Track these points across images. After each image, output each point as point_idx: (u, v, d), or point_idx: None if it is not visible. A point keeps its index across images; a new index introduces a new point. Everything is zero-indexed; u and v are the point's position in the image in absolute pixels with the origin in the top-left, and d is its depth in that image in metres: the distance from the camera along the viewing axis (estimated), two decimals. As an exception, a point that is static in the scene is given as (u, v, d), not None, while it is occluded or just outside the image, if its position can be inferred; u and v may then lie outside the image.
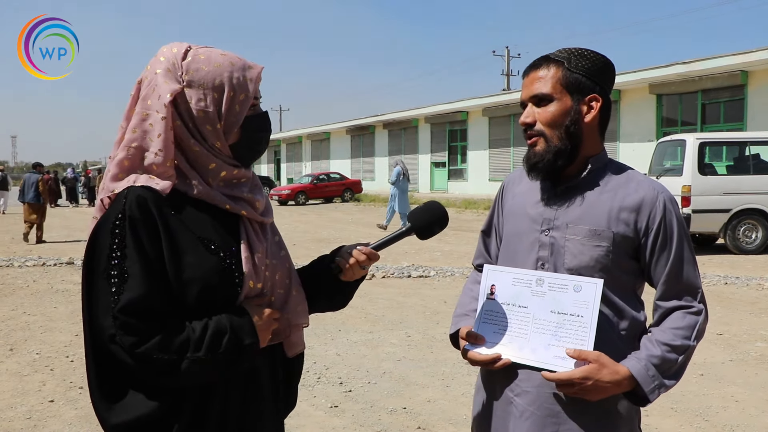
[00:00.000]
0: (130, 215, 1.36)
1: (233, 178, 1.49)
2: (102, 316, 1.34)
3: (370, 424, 4.13)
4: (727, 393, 4.67)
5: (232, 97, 1.45)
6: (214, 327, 1.38)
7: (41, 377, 5.05)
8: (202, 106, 1.43)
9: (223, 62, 1.46)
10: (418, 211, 1.70)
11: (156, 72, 1.44)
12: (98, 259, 1.36)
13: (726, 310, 7.25)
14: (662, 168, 12.70)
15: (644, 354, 1.61)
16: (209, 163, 1.46)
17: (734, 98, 20.12)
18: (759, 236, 11.81)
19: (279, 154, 53.01)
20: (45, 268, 10.54)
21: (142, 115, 1.43)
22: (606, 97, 1.72)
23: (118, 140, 1.46)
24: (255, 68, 1.50)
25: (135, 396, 1.38)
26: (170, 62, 1.44)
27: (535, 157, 1.70)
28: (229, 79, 1.45)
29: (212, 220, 1.45)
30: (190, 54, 1.46)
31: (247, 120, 1.49)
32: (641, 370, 1.58)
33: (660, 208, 1.66)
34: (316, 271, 1.66)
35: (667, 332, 1.63)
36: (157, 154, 1.40)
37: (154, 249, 1.36)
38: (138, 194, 1.37)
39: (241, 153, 1.51)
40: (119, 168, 1.43)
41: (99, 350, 1.38)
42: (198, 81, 1.43)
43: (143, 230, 1.35)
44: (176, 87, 1.42)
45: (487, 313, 1.72)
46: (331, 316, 6.93)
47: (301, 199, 30.16)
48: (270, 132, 1.58)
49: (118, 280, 1.33)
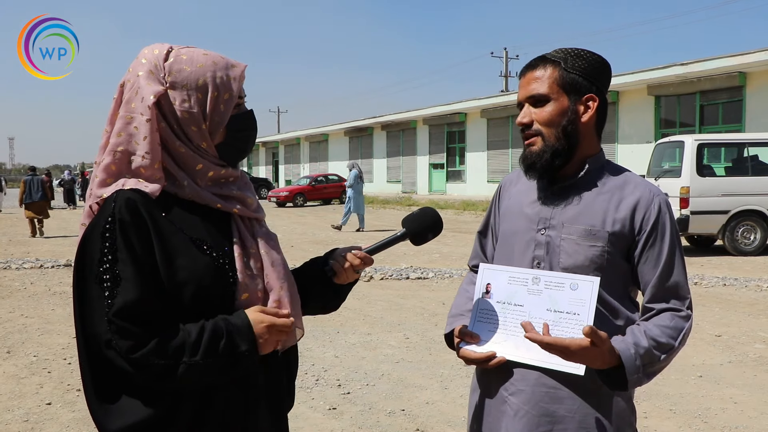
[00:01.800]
0: (120, 218, 1.34)
1: (221, 177, 1.48)
2: (96, 321, 1.32)
3: (369, 426, 4.12)
4: (726, 395, 4.67)
5: (216, 97, 1.44)
6: (211, 330, 1.36)
7: (38, 380, 5.04)
8: (187, 107, 1.42)
9: (206, 62, 1.45)
10: (412, 216, 1.69)
11: (138, 74, 1.43)
12: (89, 265, 1.35)
13: (724, 312, 7.25)
14: (661, 169, 12.71)
15: (631, 341, 1.57)
16: (196, 164, 1.44)
17: (732, 99, 20.15)
18: (757, 237, 11.81)
19: (277, 156, 53.01)
20: (42, 271, 10.52)
21: (126, 118, 1.41)
22: (603, 97, 1.72)
23: (103, 145, 1.44)
24: (238, 67, 1.49)
25: (132, 401, 1.37)
26: (152, 64, 1.43)
27: (533, 157, 1.70)
28: (212, 79, 1.44)
29: (203, 220, 1.44)
30: (172, 55, 1.44)
31: (233, 119, 1.48)
32: (629, 358, 1.55)
33: (655, 210, 1.66)
34: (309, 274, 1.65)
35: (656, 327, 1.61)
36: (144, 156, 1.39)
37: (146, 252, 1.34)
38: (127, 197, 1.36)
39: (227, 152, 1.50)
40: (107, 173, 1.42)
41: (94, 357, 1.36)
42: (181, 82, 1.42)
43: (134, 233, 1.34)
44: (159, 88, 1.41)
45: (482, 312, 1.72)
46: (330, 318, 6.92)
47: (299, 200, 30.15)
48: (256, 131, 1.57)
49: (110, 284, 1.32)
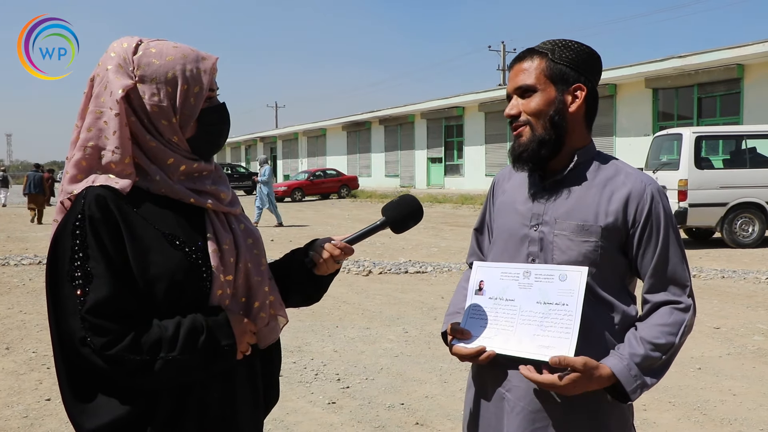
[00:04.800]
0: (90, 215, 1.33)
1: (194, 171, 1.47)
2: (70, 319, 1.31)
3: (368, 420, 4.12)
4: (725, 387, 4.67)
5: (186, 90, 1.42)
6: (189, 326, 1.36)
7: (38, 375, 5.04)
8: (156, 100, 1.41)
9: (176, 55, 1.43)
10: (392, 204, 1.68)
11: (107, 68, 1.41)
12: (61, 263, 1.34)
13: (723, 304, 7.26)
14: (659, 162, 12.70)
15: (627, 352, 1.59)
16: (167, 158, 1.43)
17: (730, 92, 20.15)
18: (755, 230, 11.82)
19: (275, 151, 52.94)
20: (41, 267, 10.50)
21: (95, 113, 1.40)
22: (592, 88, 1.71)
23: (73, 140, 1.43)
24: (209, 59, 1.47)
25: (109, 399, 1.36)
26: (121, 57, 1.42)
27: (520, 147, 1.70)
28: (182, 72, 1.42)
29: (176, 215, 1.43)
30: (141, 48, 1.43)
31: (204, 112, 1.46)
32: (623, 370, 1.56)
33: (648, 200, 1.65)
34: (290, 266, 1.64)
35: (653, 329, 1.61)
36: (114, 152, 1.38)
37: (116, 248, 1.33)
38: (97, 194, 1.35)
39: (199, 146, 1.48)
40: (77, 169, 1.40)
41: (69, 355, 1.35)
42: (150, 75, 1.41)
43: (104, 230, 1.33)
44: (128, 82, 1.39)
45: (474, 309, 1.72)
46: (328, 313, 6.92)
47: (297, 195, 30.15)
48: (228, 124, 1.55)
49: (82, 282, 1.31)
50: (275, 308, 1.56)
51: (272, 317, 1.55)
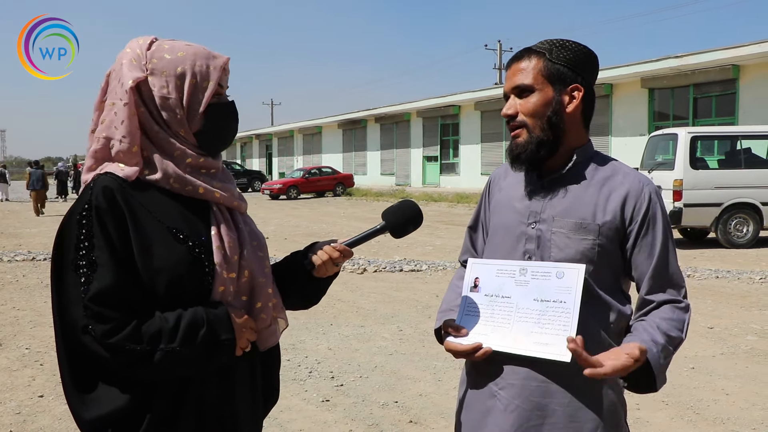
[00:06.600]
0: (96, 205, 1.36)
1: (201, 167, 1.49)
2: (73, 307, 1.33)
3: (362, 418, 4.12)
4: (718, 386, 4.69)
5: (194, 84, 1.46)
6: (190, 318, 1.37)
7: (31, 372, 5.02)
8: (164, 92, 1.44)
9: (187, 51, 1.48)
10: (392, 209, 1.69)
11: (122, 63, 1.46)
12: (66, 251, 1.36)
13: (717, 304, 7.28)
14: (654, 162, 12.73)
15: (648, 338, 1.57)
16: (174, 149, 1.46)
17: (726, 92, 20.19)
18: (750, 230, 11.85)
19: (271, 148, 52.86)
20: (35, 263, 10.48)
21: (109, 105, 1.45)
22: (589, 88, 1.72)
23: (91, 131, 1.48)
24: (220, 58, 1.51)
25: (109, 390, 1.37)
26: (135, 53, 1.47)
27: (518, 149, 1.70)
28: (191, 67, 1.46)
29: (181, 209, 1.45)
30: (155, 45, 1.48)
31: (212, 108, 1.49)
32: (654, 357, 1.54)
33: (645, 200, 1.66)
34: (289, 267, 1.65)
35: (664, 322, 1.61)
36: (122, 141, 1.41)
37: (121, 238, 1.35)
38: (104, 185, 1.38)
39: (206, 141, 1.51)
40: (93, 159, 1.45)
41: (72, 345, 1.37)
42: (161, 69, 1.45)
43: (110, 220, 1.35)
44: (139, 74, 1.44)
45: (470, 306, 1.72)
46: (323, 311, 6.92)
47: (293, 193, 30.11)
48: (237, 121, 1.58)
49: (87, 270, 1.33)
50: (277, 311, 1.57)
51: (273, 320, 1.56)
